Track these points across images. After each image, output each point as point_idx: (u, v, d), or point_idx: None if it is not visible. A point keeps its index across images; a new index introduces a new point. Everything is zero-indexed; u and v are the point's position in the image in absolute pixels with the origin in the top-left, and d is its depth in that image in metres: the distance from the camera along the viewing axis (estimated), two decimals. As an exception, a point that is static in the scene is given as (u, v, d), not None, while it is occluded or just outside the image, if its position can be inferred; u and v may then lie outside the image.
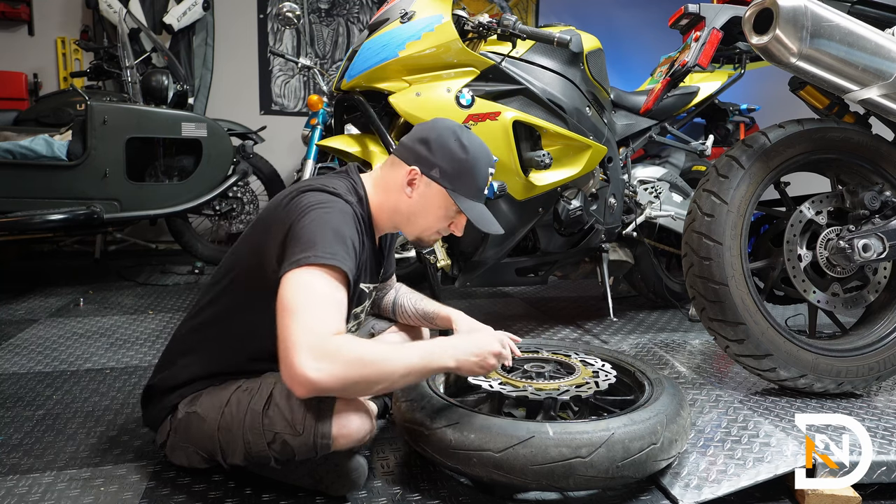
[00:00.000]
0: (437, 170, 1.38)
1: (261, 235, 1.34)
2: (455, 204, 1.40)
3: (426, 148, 1.40)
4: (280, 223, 1.28)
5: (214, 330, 1.41)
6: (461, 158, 1.39)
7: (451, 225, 1.46)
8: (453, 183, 1.39)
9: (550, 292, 3.48)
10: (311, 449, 1.26)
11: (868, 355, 1.81)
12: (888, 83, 1.63)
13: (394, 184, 1.42)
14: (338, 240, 1.22)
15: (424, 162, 1.39)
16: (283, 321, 1.14)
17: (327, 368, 1.10)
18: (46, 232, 3.35)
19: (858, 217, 1.80)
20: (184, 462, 1.41)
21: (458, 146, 1.39)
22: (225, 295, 1.41)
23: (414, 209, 1.41)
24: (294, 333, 1.12)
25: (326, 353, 1.11)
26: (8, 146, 3.01)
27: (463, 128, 1.45)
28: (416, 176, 1.39)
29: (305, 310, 1.14)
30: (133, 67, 3.54)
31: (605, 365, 1.66)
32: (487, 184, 1.44)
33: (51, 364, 2.20)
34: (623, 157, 2.61)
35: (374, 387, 1.19)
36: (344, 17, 5.33)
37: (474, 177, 1.41)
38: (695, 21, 2.13)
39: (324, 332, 1.13)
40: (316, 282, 1.17)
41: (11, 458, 1.51)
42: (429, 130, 1.43)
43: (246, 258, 1.38)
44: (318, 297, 1.16)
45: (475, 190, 1.42)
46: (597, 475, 1.24)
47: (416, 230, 1.45)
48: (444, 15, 2.03)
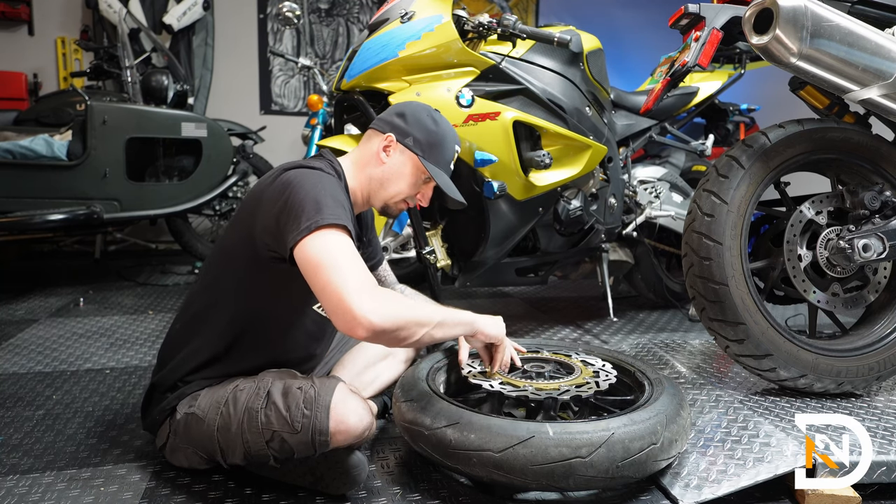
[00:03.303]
0: (411, 138, 1.49)
1: (248, 217, 1.38)
2: (424, 173, 1.50)
3: (402, 119, 1.51)
4: (270, 200, 1.33)
5: (208, 319, 1.43)
6: (433, 130, 1.51)
7: (418, 195, 1.55)
8: (425, 152, 1.49)
9: (550, 292, 3.49)
10: (309, 446, 1.26)
11: (868, 355, 1.81)
12: (888, 83, 1.63)
13: (369, 154, 1.51)
14: (336, 203, 1.30)
15: (400, 131, 1.50)
16: (324, 277, 1.21)
17: (382, 310, 1.21)
18: (46, 232, 3.35)
19: (858, 217, 1.80)
20: (184, 463, 1.41)
21: (430, 120, 1.52)
22: (215, 284, 1.45)
23: (387, 174, 1.49)
24: (343, 284, 1.20)
25: (378, 297, 1.22)
26: (8, 146, 3.01)
27: (433, 109, 1.58)
28: (392, 142, 1.49)
29: (342, 265, 1.22)
30: (133, 67, 3.55)
31: (606, 365, 1.66)
32: (453, 160, 1.57)
33: (51, 364, 2.20)
34: (623, 157, 2.61)
35: (419, 331, 1.29)
36: (344, 17, 5.33)
37: (443, 149, 1.52)
38: (695, 21, 2.13)
39: (369, 281, 1.24)
40: (338, 240, 1.26)
41: (11, 458, 1.51)
42: (404, 106, 1.55)
43: (234, 242, 1.42)
44: (347, 253, 1.25)
45: (444, 162, 1.53)
46: (597, 475, 1.24)
47: (385, 196, 1.51)
48: (444, 15, 2.03)
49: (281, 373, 1.41)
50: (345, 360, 1.66)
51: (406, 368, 1.74)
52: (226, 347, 1.41)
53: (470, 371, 1.57)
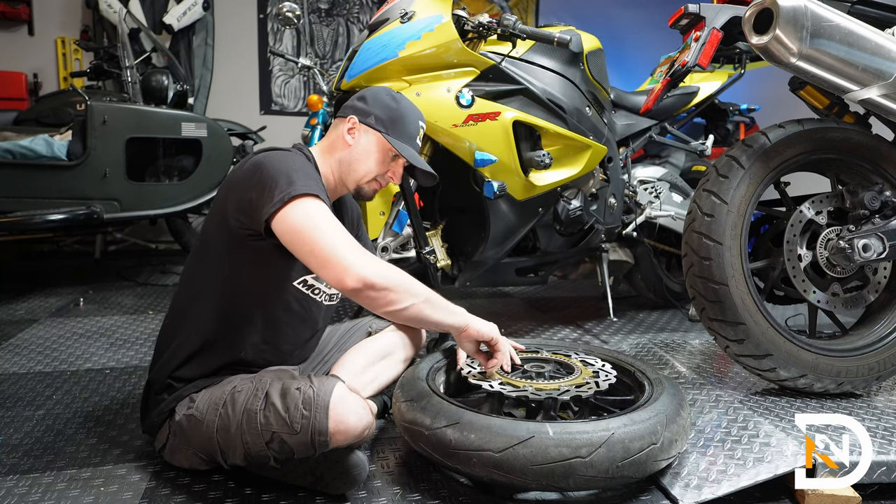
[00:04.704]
0: (373, 117, 1.53)
1: (222, 202, 1.42)
2: (391, 150, 1.53)
3: (363, 102, 1.56)
4: (241, 180, 1.39)
5: (192, 309, 1.45)
6: (393, 107, 1.55)
7: (388, 173, 1.57)
8: (387, 128, 1.53)
9: (550, 292, 3.48)
10: (309, 447, 1.26)
11: (868, 355, 1.81)
12: (888, 83, 1.63)
13: (336, 140, 1.55)
14: (308, 177, 1.37)
15: (361, 112, 1.54)
16: (310, 240, 1.28)
17: (375, 265, 1.30)
18: (46, 232, 3.36)
19: (858, 217, 1.80)
20: (184, 464, 1.42)
21: (390, 98, 1.56)
22: (196, 274, 1.49)
23: (354, 156, 1.53)
24: (332, 242, 1.28)
25: (370, 255, 1.32)
26: (8, 146, 3.01)
27: (394, 91, 1.62)
28: (355, 124, 1.53)
29: (326, 227, 1.29)
30: (133, 67, 3.54)
31: (606, 365, 1.66)
32: (419, 135, 1.59)
33: (51, 364, 2.20)
34: (623, 157, 2.60)
35: (407, 298, 1.35)
36: (344, 17, 5.33)
37: (406, 123, 1.55)
38: (695, 21, 2.13)
39: (356, 242, 1.32)
40: (316, 206, 1.32)
41: (11, 458, 1.51)
42: (365, 90, 1.60)
43: (210, 230, 1.46)
44: (327, 217, 1.32)
45: (407, 136, 1.55)
46: (597, 475, 1.24)
47: (356, 177, 1.54)
48: (444, 15, 2.03)
49: (279, 373, 1.41)
50: (344, 360, 1.66)
51: (406, 368, 1.74)
52: (213, 335, 1.43)
53: (470, 371, 1.57)
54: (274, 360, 1.51)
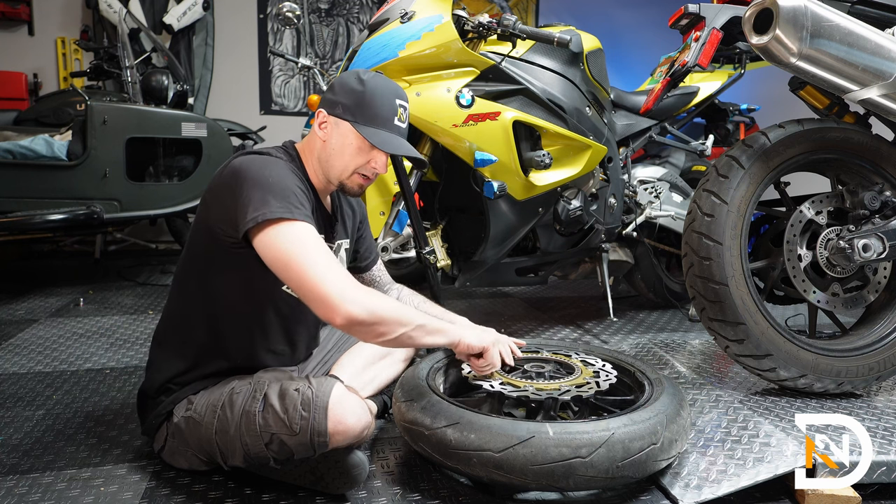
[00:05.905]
0: (340, 107, 1.43)
1: (204, 210, 1.40)
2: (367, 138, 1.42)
3: (331, 92, 1.46)
4: (220, 188, 1.35)
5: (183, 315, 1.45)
6: (358, 91, 1.42)
7: (370, 163, 1.46)
8: (355, 115, 1.42)
9: (550, 292, 3.48)
10: (308, 448, 1.26)
11: (868, 355, 1.81)
12: (888, 83, 1.63)
13: (312, 137, 1.48)
14: (286, 190, 1.30)
15: (329, 103, 1.45)
16: (296, 271, 1.23)
17: (363, 301, 1.24)
18: (46, 232, 3.35)
19: (858, 217, 1.80)
20: (184, 465, 1.42)
21: (356, 82, 1.44)
22: (184, 279, 1.47)
23: (330, 151, 1.45)
24: (315, 281, 1.22)
25: (359, 287, 1.26)
26: (8, 146, 3.01)
27: (368, 70, 1.52)
28: (325, 117, 1.45)
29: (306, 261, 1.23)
30: (133, 67, 3.55)
31: (606, 365, 1.66)
32: (398, 115, 1.45)
33: (51, 364, 2.20)
34: (623, 157, 2.60)
35: (398, 329, 1.29)
36: (344, 17, 5.33)
37: (376, 105, 1.42)
38: (695, 21, 2.13)
39: (342, 269, 1.28)
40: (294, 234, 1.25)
41: (11, 458, 1.51)
42: (335, 79, 1.51)
43: (195, 238, 1.44)
44: (308, 247, 1.25)
45: (380, 119, 1.43)
46: (597, 475, 1.24)
47: (336, 173, 1.46)
48: (444, 15, 2.03)
49: (277, 374, 1.41)
50: (343, 361, 1.66)
51: (405, 368, 1.74)
52: (206, 339, 1.42)
53: (470, 371, 1.57)
54: (271, 361, 1.50)
